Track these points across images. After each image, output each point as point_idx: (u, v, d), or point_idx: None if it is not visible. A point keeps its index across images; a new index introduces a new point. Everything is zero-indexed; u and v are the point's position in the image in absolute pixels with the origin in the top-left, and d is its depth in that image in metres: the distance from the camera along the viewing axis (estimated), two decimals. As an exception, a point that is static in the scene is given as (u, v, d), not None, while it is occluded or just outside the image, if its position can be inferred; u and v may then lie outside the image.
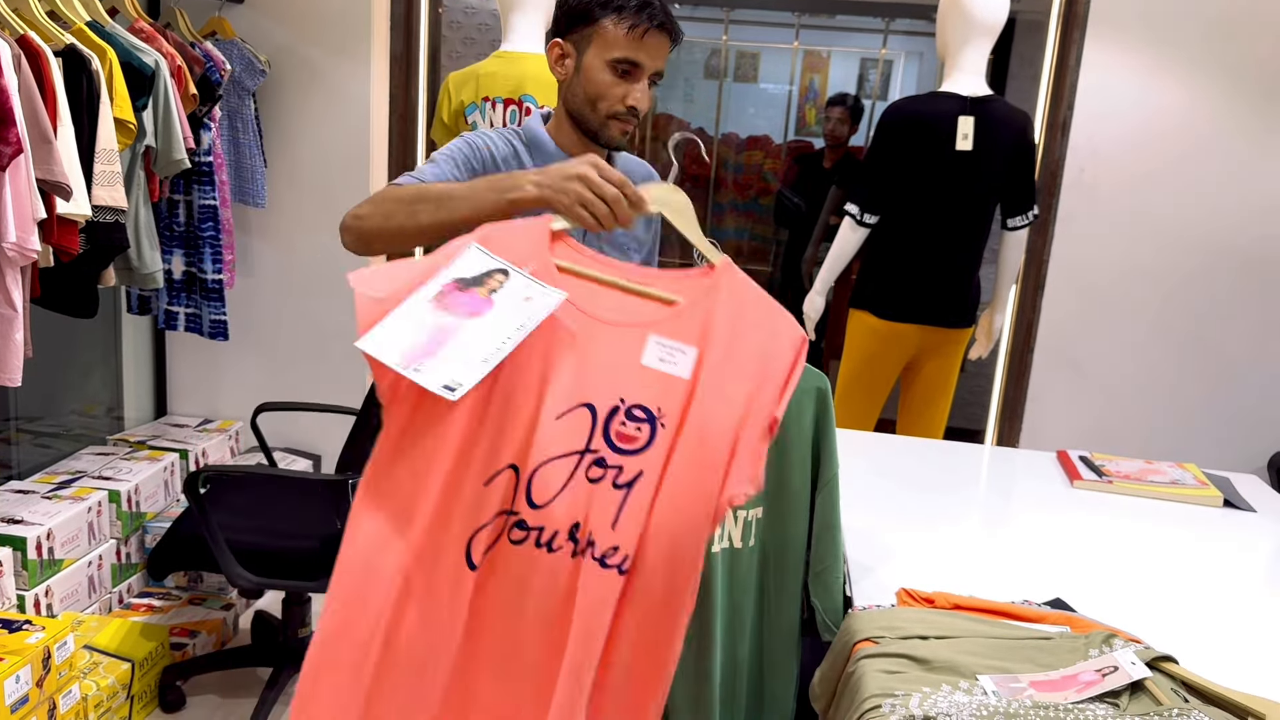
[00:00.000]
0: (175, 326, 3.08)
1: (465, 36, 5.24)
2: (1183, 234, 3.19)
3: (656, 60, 1.62)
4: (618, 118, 1.63)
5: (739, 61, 6.67)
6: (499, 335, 1.21)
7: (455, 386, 1.17)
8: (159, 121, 2.57)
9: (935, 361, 3.02)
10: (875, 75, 6.65)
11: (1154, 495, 2.28)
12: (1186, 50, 3.08)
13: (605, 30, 1.60)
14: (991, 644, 1.49)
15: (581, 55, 1.64)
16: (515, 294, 1.25)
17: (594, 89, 1.62)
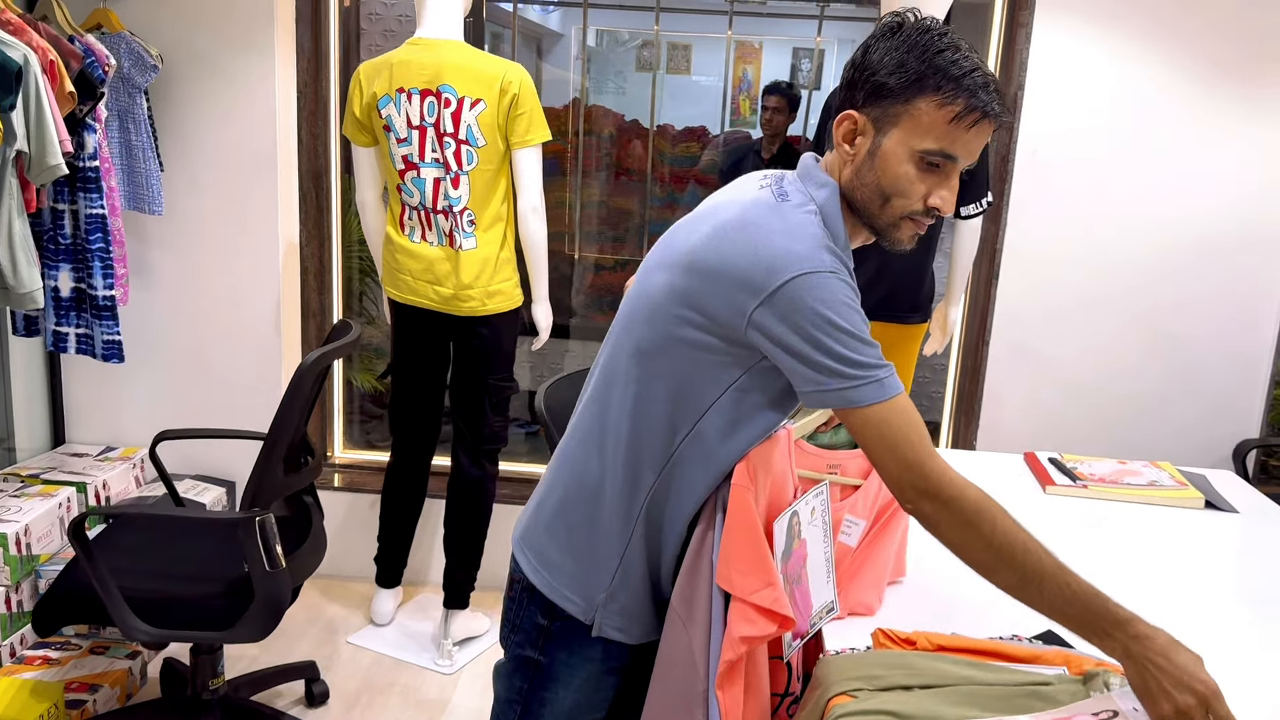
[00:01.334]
0: (65, 349, 2.80)
1: (385, 29, 4.97)
2: (1142, 217, 3.06)
3: (974, 153, 1.30)
4: (913, 219, 1.32)
5: (671, 53, 6.49)
6: (823, 552, 1.47)
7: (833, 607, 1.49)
8: (30, 123, 2.30)
9: (891, 357, 2.80)
10: (809, 64, 6.51)
11: (1133, 499, 2.14)
12: (1141, 24, 2.95)
13: (920, 113, 1.27)
14: (983, 692, 1.31)
15: (881, 136, 1.30)
16: (807, 518, 1.44)
17: (892, 182, 1.30)
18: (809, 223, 1.30)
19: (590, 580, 1.43)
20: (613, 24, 6.72)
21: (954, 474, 1.26)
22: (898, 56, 1.28)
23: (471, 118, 2.66)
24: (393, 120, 2.70)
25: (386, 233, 2.85)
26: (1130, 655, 1.17)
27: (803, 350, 1.25)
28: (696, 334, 1.31)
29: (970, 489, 1.26)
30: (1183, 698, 1.13)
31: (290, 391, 2.16)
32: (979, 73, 1.26)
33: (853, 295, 1.28)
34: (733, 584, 1.32)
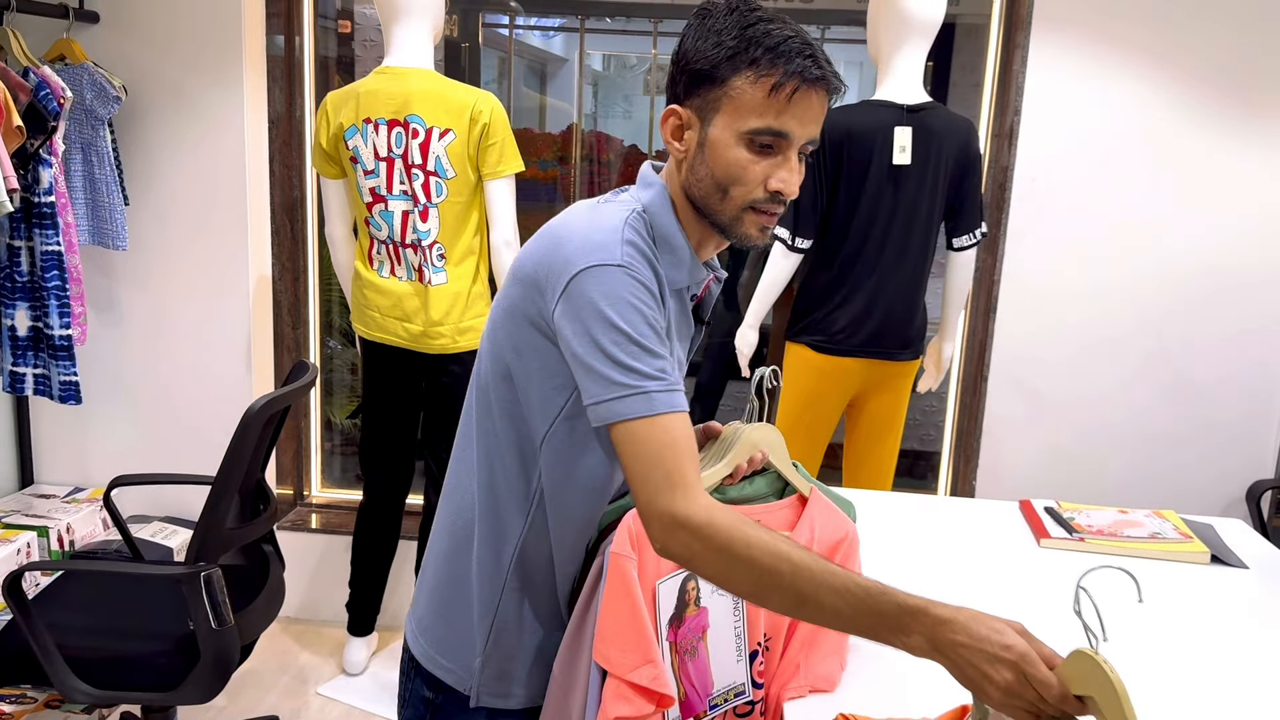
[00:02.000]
0: (23, 389, 2.71)
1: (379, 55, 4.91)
2: (1145, 246, 2.93)
3: (808, 126, 1.20)
4: (757, 208, 1.22)
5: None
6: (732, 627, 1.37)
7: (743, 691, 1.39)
8: (-27, 158, 2.21)
9: (882, 396, 2.72)
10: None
11: (1132, 553, 2.00)
12: (1140, 47, 2.82)
13: (738, 92, 1.18)
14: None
15: (707, 126, 1.21)
16: (710, 586, 1.32)
17: (725, 171, 1.20)
18: (615, 215, 1.21)
19: (464, 644, 1.32)
20: (618, 49, 6.65)
21: (706, 500, 1.12)
22: (710, 39, 1.20)
23: (440, 148, 2.56)
24: (359, 151, 2.61)
25: (355, 267, 2.75)
26: (938, 647, 1.03)
27: (582, 354, 1.14)
28: (519, 355, 1.23)
29: (719, 511, 1.11)
30: (1000, 674, 0.99)
31: (238, 437, 2.05)
32: (795, 39, 1.18)
33: (645, 295, 1.16)
34: (609, 660, 1.22)
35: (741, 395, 5.46)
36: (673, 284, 1.25)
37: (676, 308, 1.28)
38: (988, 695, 1.01)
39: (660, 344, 1.16)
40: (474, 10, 5.51)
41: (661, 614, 1.28)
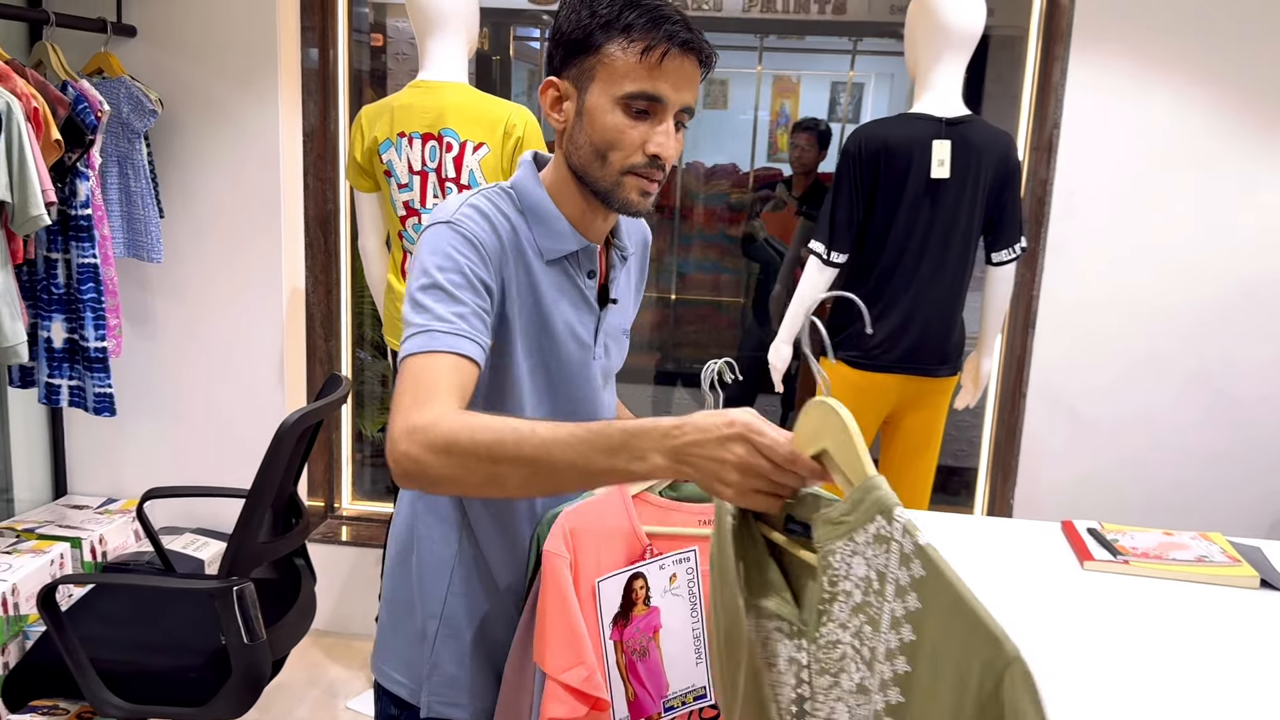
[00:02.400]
0: (58, 401, 2.72)
1: (412, 69, 4.93)
2: (1186, 261, 2.87)
3: (682, 92, 1.23)
4: (636, 172, 1.24)
5: (706, 88, 6.40)
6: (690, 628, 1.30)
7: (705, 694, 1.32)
8: (12, 173, 2.22)
9: (918, 413, 2.68)
10: (845, 98, 6.38)
11: (1179, 576, 1.95)
12: (1181, 60, 2.78)
13: (611, 59, 1.22)
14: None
15: (584, 95, 1.25)
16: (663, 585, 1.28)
17: (603, 136, 1.23)
18: (476, 190, 1.29)
19: (414, 652, 1.33)
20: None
21: (442, 409, 1.08)
22: (584, 10, 1.24)
23: (474, 162, 2.55)
24: (394, 165, 2.60)
25: (388, 281, 2.74)
26: (674, 456, 0.98)
27: (405, 306, 1.19)
28: None
29: (451, 414, 1.08)
30: (731, 452, 0.95)
31: (272, 451, 2.05)
32: (665, 7, 1.23)
33: (467, 247, 1.21)
34: (545, 660, 1.22)
35: (770, 409, 5.43)
36: (548, 253, 1.30)
37: (557, 277, 1.31)
38: (726, 484, 0.97)
39: (470, 292, 1.18)
40: (505, 24, 5.52)
41: (604, 612, 1.26)
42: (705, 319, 6.03)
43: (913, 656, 0.87)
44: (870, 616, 0.90)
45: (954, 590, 0.85)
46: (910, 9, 2.56)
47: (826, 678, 0.94)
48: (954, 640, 0.84)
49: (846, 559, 0.92)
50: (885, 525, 0.90)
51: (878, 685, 0.90)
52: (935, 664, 0.85)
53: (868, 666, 0.90)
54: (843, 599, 0.92)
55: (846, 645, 0.92)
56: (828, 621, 0.94)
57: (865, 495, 0.92)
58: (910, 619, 0.87)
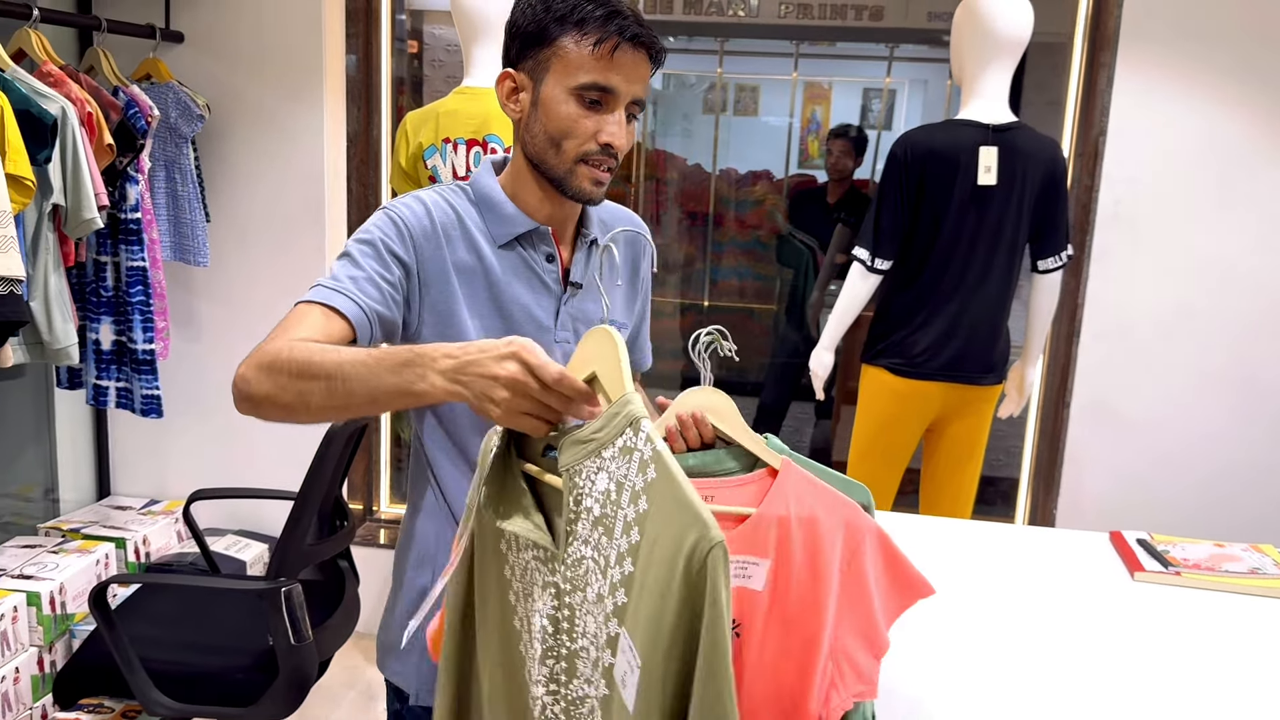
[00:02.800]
0: (105, 403, 2.75)
1: (448, 75, 4.95)
2: (1233, 270, 2.84)
3: (633, 84, 1.29)
4: (588, 161, 1.30)
5: (738, 95, 6.39)
6: None
7: None
8: (66, 177, 2.25)
9: (962, 422, 2.67)
10: (879, 105, 6.36)
11: (1231, 589, 1.93)
12: (1231, 66, 2.75)
13: (565, 51, 1.27)
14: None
15: (539, 86, 1.30)
16: None
17: (557, 125, 1.29)
18: (447, 186, 1.39)
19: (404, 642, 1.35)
20: (679, 67, 6.66)
21: (279, 341, 1.18)
22: (538, 4, 1.29)
23: (518, 168, 2.56)
24: (438, 171, 2.61)
25: (431, 285, 2.75)
26: (452, 375, 1.04)
27: None
28: None
29: (287, 343, 1.17)
30: (504, 369, 1.00)
31: (320, 455, 2.06)
32: (609, 3, 1.27)
33: (389, 226, 1.30)
34: None
35: (804, 416, 5.41)
36: (499, 237, 1.36)
37: (513, 260, 1.37)
38: (495, 402, 1.00)
39: (374, 260, 1.27)
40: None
41: None
42: (739, 326, 6.02)
43: (636, 557, 0.92)
44: (606, 527, 0.94)
45: (676, 484, 0.89)
46: (956, 15, 2.55)
47: (579, 594, 0.98)
48: (671, 529, 0.88)
49: (591, 476, 0.96)
50: (632, 437, 0.93)
51: (608, 589, 0.94)
52: (652, 556, 0.89)
53: (602, 575, 0.95)
54: (585, 516, 0.96)
55: (589, 559, 0.97)
56: (573, 540, 0.98)
57: (620, 410, 0.95)
58: (638, 521, 0.92)
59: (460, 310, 1.34)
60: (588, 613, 0.97)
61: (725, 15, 5.04)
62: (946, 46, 4.66)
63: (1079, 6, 2.92)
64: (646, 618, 0.89)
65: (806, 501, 1.18)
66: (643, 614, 0.90)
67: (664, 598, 0.88)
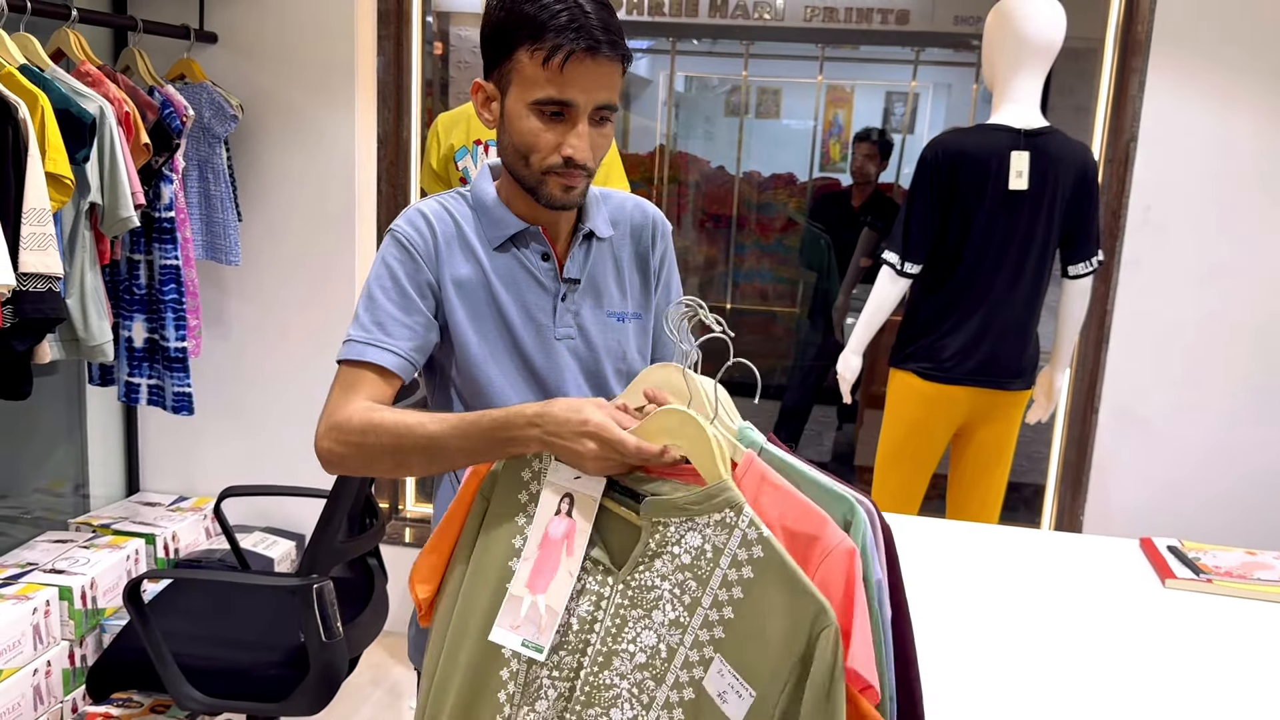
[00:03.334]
0: (137, 400, 2.78)
1: (474, 77, 4.98)
2: (1263, 278, 2.82)
3: (593, 93, 1.27)
4: (555, 172, 1.31)
5: (760, 97, 6.40)
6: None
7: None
8: (104, 175, 2.28)
9: (991, 427, 2.66)
10: (903, 108, 6.35)
11: (1263, 596, 1.92)
12: (1263, 73, 2.73)
13: (521, 65, 1.27)
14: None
15: (505, 98, 1.32)
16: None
17: (520, 139, 1.30)
18: (438, 194, 1.43)
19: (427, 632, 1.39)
20: (702, 70, 6.66)
21: (352, 410, 1.28)
22: (496, 17, 1.30)
23: (549, 170, 2.58)
24: (469, 172, 2.63)
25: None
26: (542, 439, 1.15)
27: None
28: None
29: (358, 412, 1.28)
30: (586, 447, 1.12)
31: (352, 454, 2.07)
32: (564, 11, 1.24)
33: (400, 251, 1.35)
34: None
35: (826, 420, 5.40)
36: (494, 240, 1.39)
37: (508, 262, 1.40)
38: (585, 465, 1.14)
39: (397, 296, 1.33)
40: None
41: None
42: (761, 328, 6.02)
43: (737, 609, 1.08)
44: (698, 576, 1.10)
45: (790, 569, 1.05)
46: (989, 20, 2.55)
47: (638, 610, 1.13)
48: (783, 600, 1.04)
49: (681, 531, 1.11)
50: (732, 515, 1.08)
51: (700, 623, 1.10)
52: (761, 620, 1.06)
53: (688, 611, 1.11)
54: (667, 558, 1.12)
55: (664, 590, 1.12)
56: (645, 571, 1.13)
57: (720, 493, 1.08)
58: (741, 583, 1.08)
59: (461, 322, 1.38)
60: (648, 628, 1.13)
61: (751, 18, 5.04)
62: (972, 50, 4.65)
63: (1110, 12, 2.91)
64: (756, 660, 1.07)
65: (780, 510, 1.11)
66: (750, 655, 1.07)
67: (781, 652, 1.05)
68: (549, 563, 1.18)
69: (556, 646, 1.17)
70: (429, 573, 1.29)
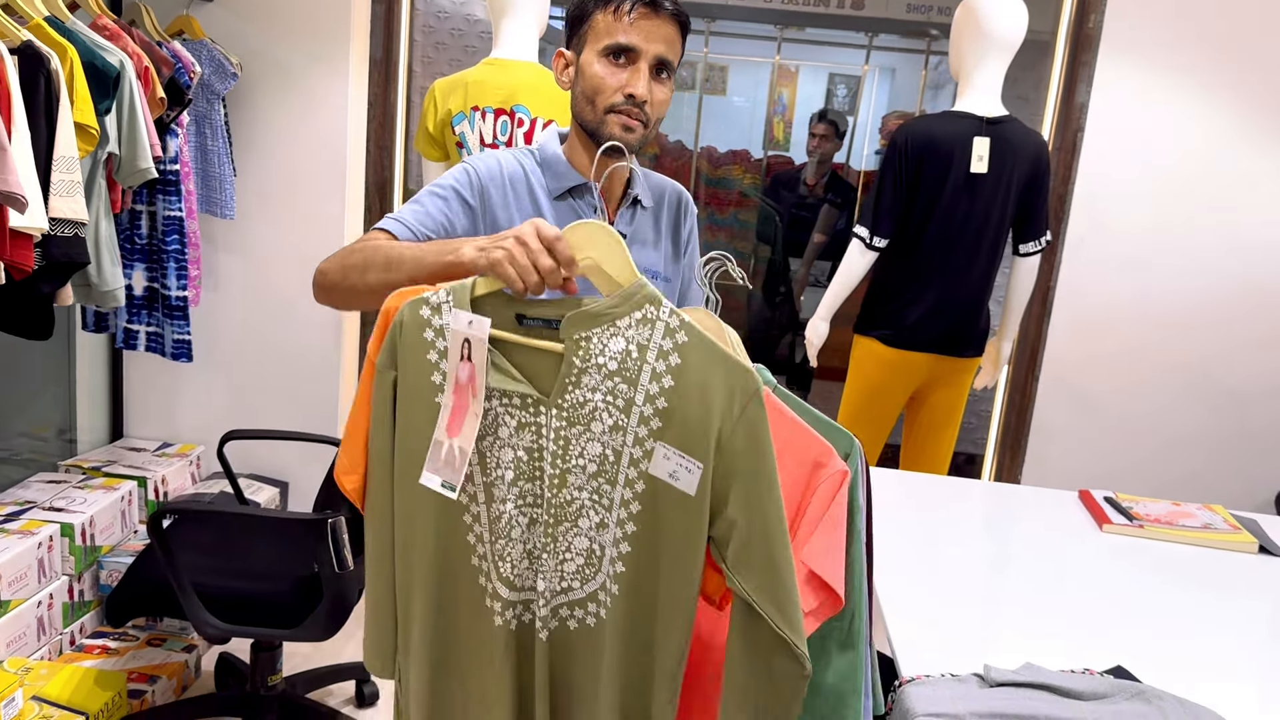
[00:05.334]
0: (135, 346, 2.87)
1: (437, 42, 5.05)
2: (1198, 259, 3.10)
3: (654, 43, 1.50)
4: (616, 110, 1.51)
5: (709, 74, 6.55)
6: None
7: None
8: (123, 127, 2.37)
9: (943, 391, 2.89)
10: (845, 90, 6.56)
11: (1188, 541, 2.17)
12: (1204, 72, 2.99)
13: (596, 23, 1.52)
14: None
15: (580, 57, 1.56)
16: None
17: (589, 84, 1.52)
18: (518, 148, 1.63)
19: None
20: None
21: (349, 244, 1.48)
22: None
23: (544, 138, 2.72)
24: (465, 137, 2.76)
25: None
26: (475, 248, 1.28)
27: None
28: None
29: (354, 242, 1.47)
30: (515, 230, 1.23)
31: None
32: None
33: (461, 172, 1.54)
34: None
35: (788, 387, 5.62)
36: (554, 190, 1.58)
37: (565, 212, 1.59)
38: (500, 248, 1.21)
39: (438, 202, 1.51)
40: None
41: None
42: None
43: (670, 397, 1.20)
44: (627, 378, 1.21)
45: (714, 345, 1.19)
46: (957, 14, 2.75)
47: (578, 427, 1.24)
48: (715, 377, 1.18)
49: (603, 340, 1.21)
50: (653, 310, 1.20)
51: (637, 421, 1.22)
52: (695, 397, 1.19)
53: (624, 413, 1.22)
54: (594, 372, 1.22)
55: (597, 401, 1.22)
56: (575, 390, 1.23)
57: (638, 290, 1.21)
58: (670, 371, 1.20)
59: None
60: (590, 440, 1.24)
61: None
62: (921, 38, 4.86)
63: (1063, 8, 3.14)
64: (697, 436, 1.19)
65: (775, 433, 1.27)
66: (690, 434, 1.20)
67: (719, 425, 1.19)
68: (460, 407, 1.26)
69: (515, 479, 1.27)
70: (351, 463, 1.35)
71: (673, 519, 1.24)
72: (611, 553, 1.28)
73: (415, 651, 1.36)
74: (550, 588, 1.30)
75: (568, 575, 1.30)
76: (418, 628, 1.34)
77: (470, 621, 1.34)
